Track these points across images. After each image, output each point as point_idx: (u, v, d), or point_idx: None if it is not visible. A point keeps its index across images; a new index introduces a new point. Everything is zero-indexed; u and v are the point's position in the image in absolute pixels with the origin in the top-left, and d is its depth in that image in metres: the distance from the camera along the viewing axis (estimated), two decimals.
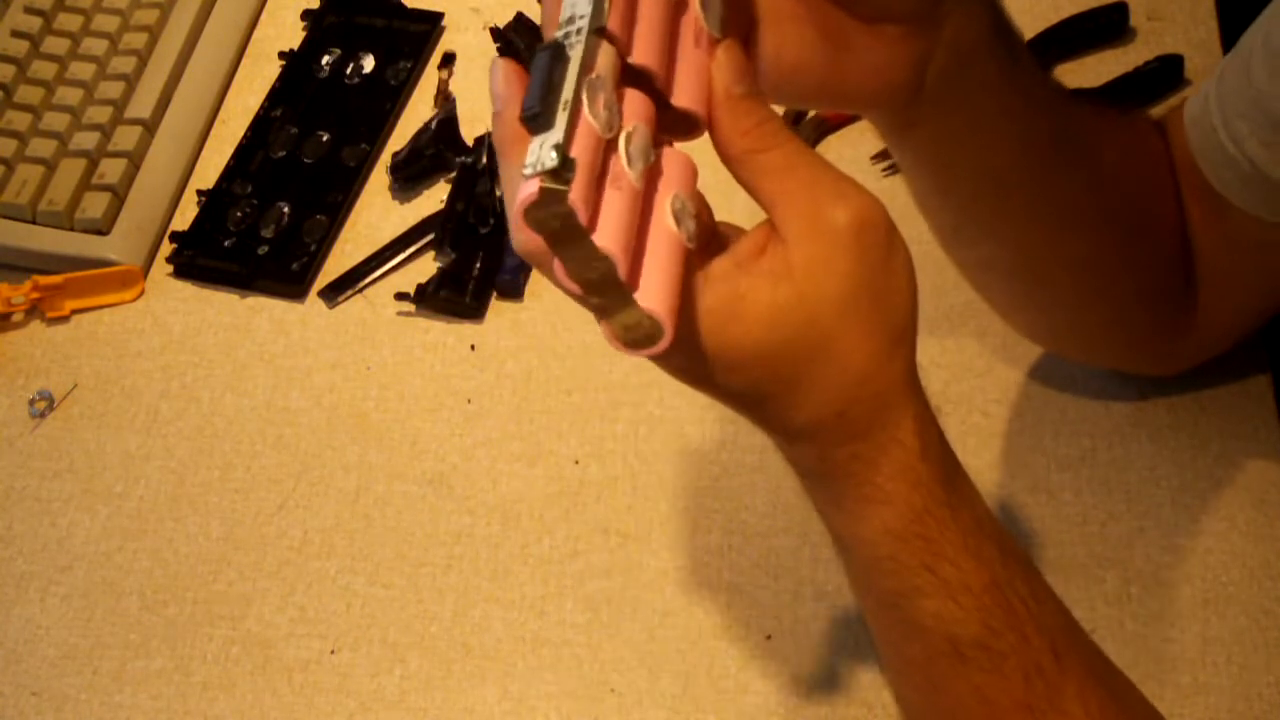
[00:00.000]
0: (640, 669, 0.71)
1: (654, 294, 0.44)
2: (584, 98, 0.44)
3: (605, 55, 0.45)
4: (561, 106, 0.43)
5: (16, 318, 0.88)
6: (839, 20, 0.52)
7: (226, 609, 0.75)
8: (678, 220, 0.46)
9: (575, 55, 0.44)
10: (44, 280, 0.87)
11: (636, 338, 0.45)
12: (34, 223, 0.89)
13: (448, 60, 0.96)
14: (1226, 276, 0.67)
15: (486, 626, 0.73)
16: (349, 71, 0.96)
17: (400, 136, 0.93)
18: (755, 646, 0.71)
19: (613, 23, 0.45)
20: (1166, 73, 0.86)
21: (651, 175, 0.46)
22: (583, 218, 0.42)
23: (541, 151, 0.41)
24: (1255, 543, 0.71)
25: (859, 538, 0.49)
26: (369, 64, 0.96)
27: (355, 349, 0.84)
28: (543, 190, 0.42)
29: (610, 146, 0.44)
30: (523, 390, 0.81)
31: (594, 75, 0.44)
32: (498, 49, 0.93)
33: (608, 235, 0.43)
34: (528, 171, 0.41)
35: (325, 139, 0.93)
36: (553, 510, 0.77)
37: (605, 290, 0.44)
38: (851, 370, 0.47)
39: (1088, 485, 0.73)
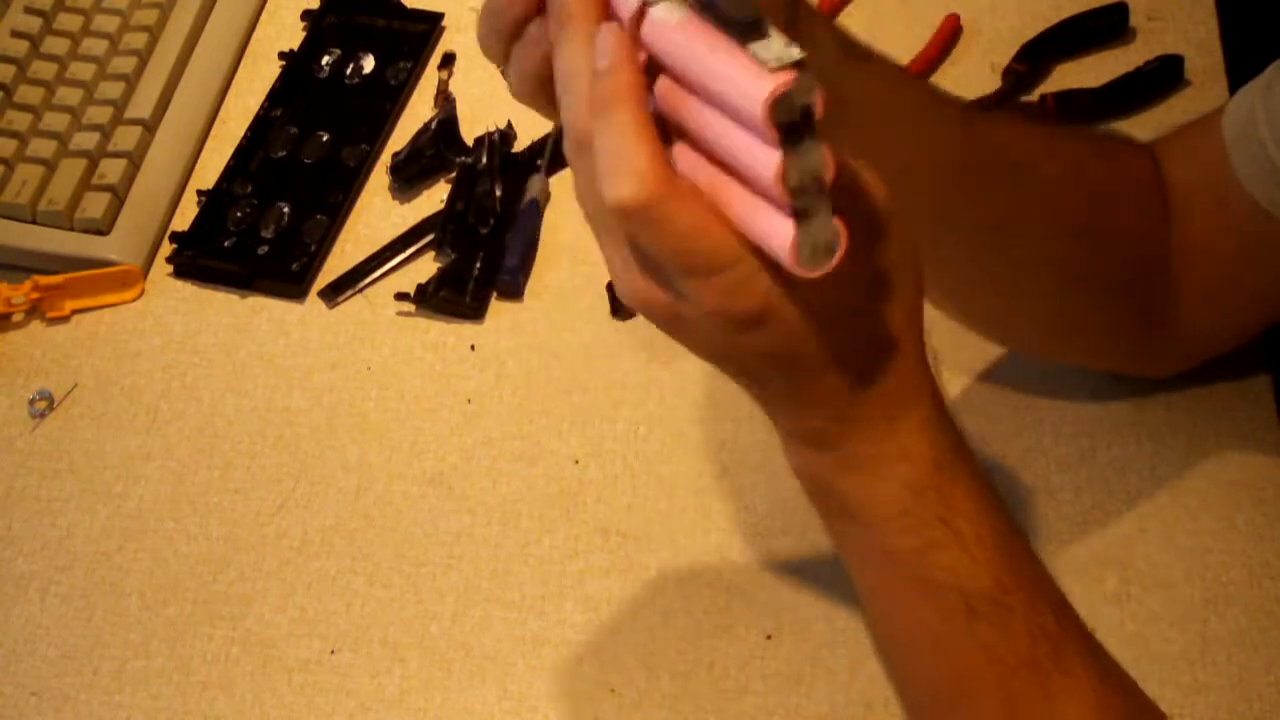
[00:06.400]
0: (640, 669, 0.71)
1: None
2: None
3: None
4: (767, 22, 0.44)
5: (16, 318, 0.88)
6: None
7: (226, 609, 0.75)
8: None
9: None
10: (44, 280, 0.87)
11: (815, 251, 0.45)
12: (34, 223, 0.89)
13: (448, 60, 0.96)
14: (1237, 285, 0.67)
15: (486, 626, 0.73)
16: (349, 72, 0.96)
17: (400, 137, 0.93)
18: (755, 646, 0.71)
19: None
20: (1166, 73, 0.86)
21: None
22: (819, 110, 0.43)
23: (777, 48, 0.43)
24: (1255, 543, 0.71)
25: (875, 498, 0.50)
26: (369, 64, 0.96)
27: (355, 349, 0.84)
28: (799, 77, 0.42)
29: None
30: (523, 390, 0.81)
31: None
32: None
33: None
34: (773, 64, 0.42)
35: (325, 139, 0.92)
36: (553, 510, 0.77)
37: (810, 195, 0.44)
38: (893, 336, 0.48)
39: (1088, 485, 0.73)
